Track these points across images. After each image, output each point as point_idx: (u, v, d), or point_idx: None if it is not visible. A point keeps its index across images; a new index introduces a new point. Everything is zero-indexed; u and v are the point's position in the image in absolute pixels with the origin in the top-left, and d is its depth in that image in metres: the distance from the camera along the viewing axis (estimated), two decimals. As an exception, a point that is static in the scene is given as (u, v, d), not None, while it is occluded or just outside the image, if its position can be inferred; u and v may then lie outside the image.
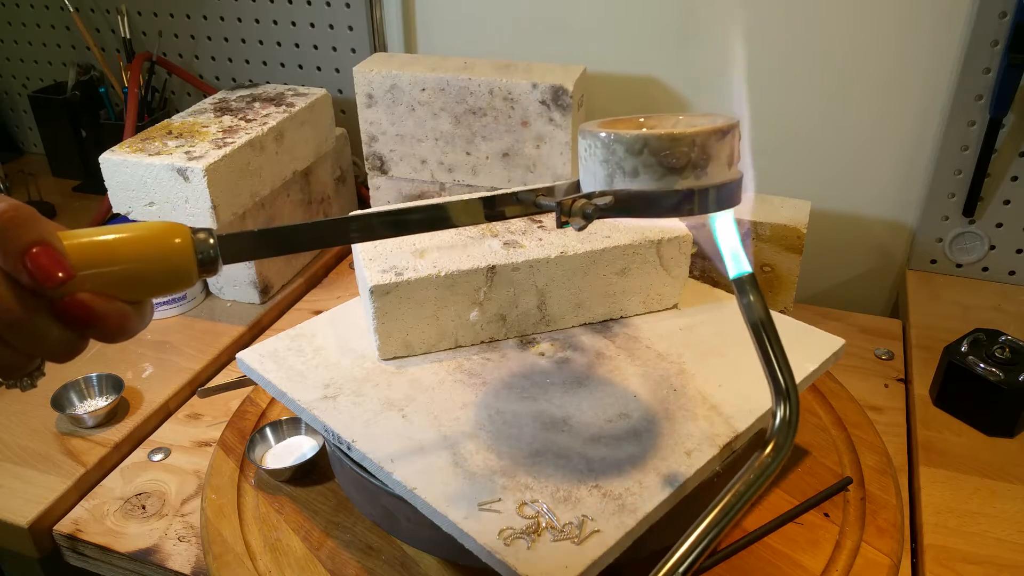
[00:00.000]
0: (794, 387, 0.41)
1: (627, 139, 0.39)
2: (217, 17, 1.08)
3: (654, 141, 0.39)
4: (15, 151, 1.34)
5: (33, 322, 0.31)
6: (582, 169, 0.43)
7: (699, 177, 0.39)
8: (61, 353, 0.32)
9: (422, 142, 0.89)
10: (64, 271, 0.30)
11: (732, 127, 0.40)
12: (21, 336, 0.31)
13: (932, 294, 0.86)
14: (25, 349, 0.31)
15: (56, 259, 0.30)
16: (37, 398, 0.71)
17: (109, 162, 0.77)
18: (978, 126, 0.81)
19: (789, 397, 0.41)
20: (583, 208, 0.39)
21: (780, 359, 0.41)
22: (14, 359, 0.31)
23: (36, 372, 0.33)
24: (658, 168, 0.39)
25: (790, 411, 0.40)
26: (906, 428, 0.69)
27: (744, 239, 0.45)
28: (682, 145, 0.39)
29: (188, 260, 0.33)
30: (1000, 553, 0.56)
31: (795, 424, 0.40)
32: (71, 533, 0.60)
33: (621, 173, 0.40)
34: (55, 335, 0.31)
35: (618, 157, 0.40)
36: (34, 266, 0.30)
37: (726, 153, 0.40)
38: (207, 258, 0.34)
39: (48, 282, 0.30)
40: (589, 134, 0.41)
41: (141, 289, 0.33)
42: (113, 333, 0.32)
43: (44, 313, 0.31)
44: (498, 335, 0.59)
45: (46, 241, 0.30)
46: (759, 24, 0.86)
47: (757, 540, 0.56)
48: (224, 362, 0.80)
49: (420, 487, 0.46)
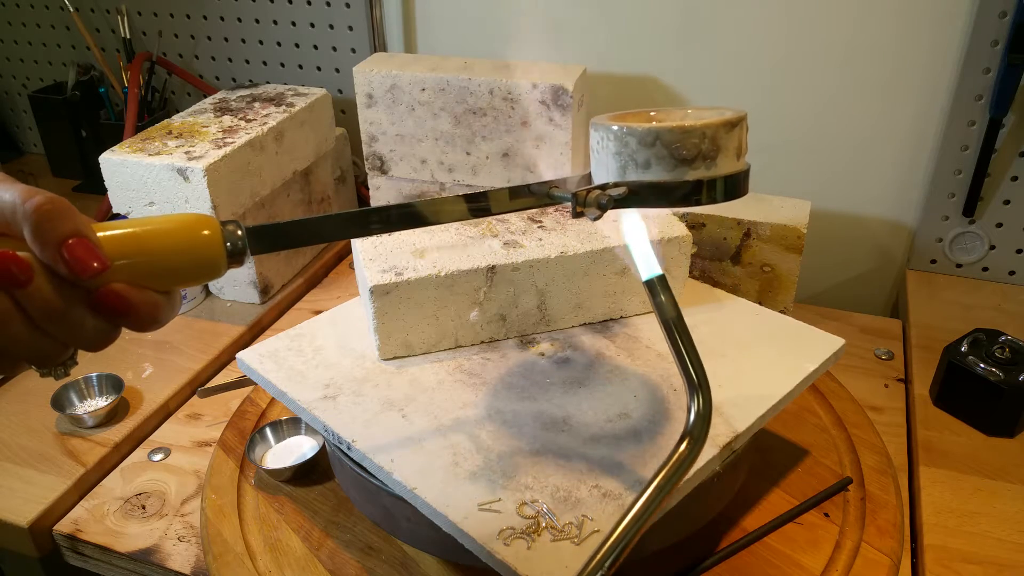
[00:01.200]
0: (706, 380, 0.42)
1: (640, 132, 0.40)
2: (217, 17, 1.08)
3: (666, 134, 0.40)
4: (15, 151, 1.34)
5: (70, 312, 0.31)
6: (594, 161, 0.44)
7: (709, 168, 0.40)
8: (96, 342, 0.33)
9: (422, 142, 0.89)
10: (100, 262, 0.31)
11: (740, 119, 0.41)
12: (59, 326, 0.31)
13: (932, 294, 0.86)
14: (62, 338, 0.32)
15: (92, 250, 0.31)
16: (37, 398, 0.72)
17: (109, 162, 0.77)
18: (978, 126, 0.81)
19: (702, 389, 0.41)
20: (597, 199, 0.41)
21: (692, 355, 0.42)
22: (51, 348, 0.32)
23: (69, 361, 0.34)
24: (670, 160, 0.40)
25: (703, 403, 0.41)
26: (906, 428, 0.69)
27: (655, 243, 0.46)
28: (693, 137, 0.40)
29: (218, 251, 0.34)
30: (1000, 553, 0.56)
31: (709, 416, 0.41)
32: (71, 533, 0.60)
33: (634, 165, 0.41)
34: (91, 324, 0.32)
35: (631, 149, 0.41)
36: (71, 257, 0.30)
37: (734, 145, 0.41)
38: (236, 249, 0.35)
39: (85, 273, 0.30)
40: (602, 127, 0.42)
41: (172, 279, 0.34)
42: (145, 322, 0.33)
43: (80, 303, 0.31)
44: (498, 335, 0.59)
45: (82, 232, 0.31)
46: (759, 24, 0.86)
47: (757, 540, 0.56)
48: (224, 362, 0.80)
49: (420, 487, 0.46)
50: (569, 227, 0.61)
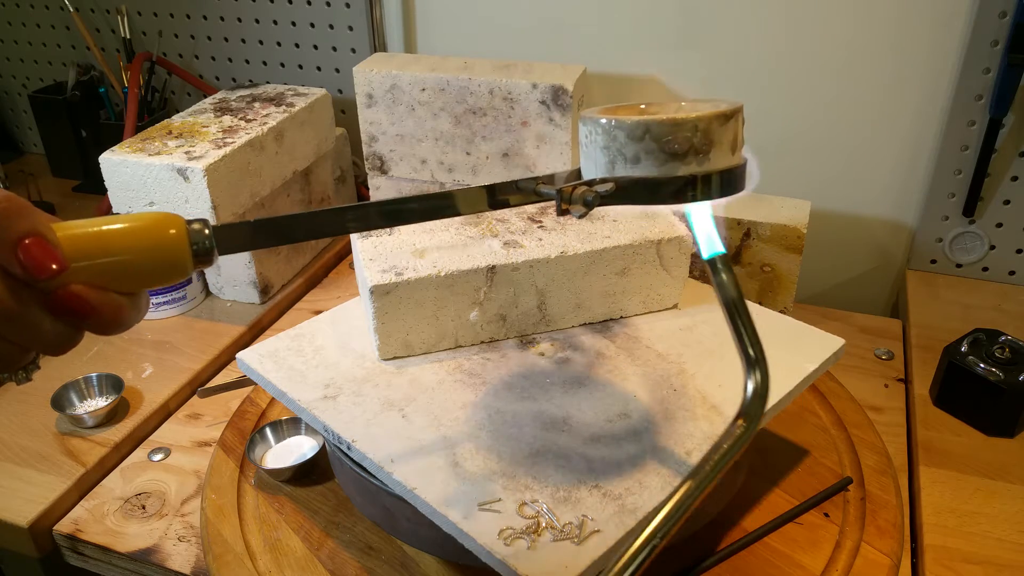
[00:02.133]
0: (764, 358, 0.40)
1: (628, 125, 0.38)
2: (217, 17, 1.08)
3: (656, 127, 0.38)
4: (15, 151, 1.34)
5: (26, 314, 0.30)
6: (583, 156, 0.42)
7: (702, 163, 0.39)
8: (55, 345, 0.32)
9: (422, 142, 0.89)
10: (57, 262, 0.30)
11: (736, 111, 0.39)
12: (14, 328, 0.30)
13: (932, 294, 0.86)
14: (19, 341, 0.31)
15: (49, 250, 0.30)
16: (37, 398, 0.72)
17: (109, 162, 0.77)
18: (978, 126, 0.81)
19: (759, 365, 0.40)
20: (583, 195, 0.39)
21: (751, 333, 0.40)
22: (8, 351, 0.31)
23: (31, 365, 0.33)
24: (660, 154, 0.38)
25: (761, 381, 0.40)
26: (906, 428, 0.69)
27: (717, 222, 0.44)
28: (684, 130, 0.38)
29: (183, 251, 0.33)
30: (1000, 553, 0.56)
31: (766, 395, 0.40)
32: (71, 533, 0.60)
33: (622, 160, 0.39)
34: (49, 327, 0.31)
35: (619, 143, 0.39)
36: (26, 257, 0.29)
37: (729, 138, 0.39)
38: (202, 249, 0.34)
39: (41, 274, 0.29)
40: (590, 120, 0.40)
41: (135, 280, 0.33)
42: (108, 325, 0.32)
43: (37, 305, 0.30)
44: (498, 335, 0.59)
45: (39, 232, 0.30)
46: (759, 24, 0.86)
47: (757, 540, 0.56)
48: (224, 362, 0.80)
49: (420, 487, 0.46)
50: (569, 227, 0.61)
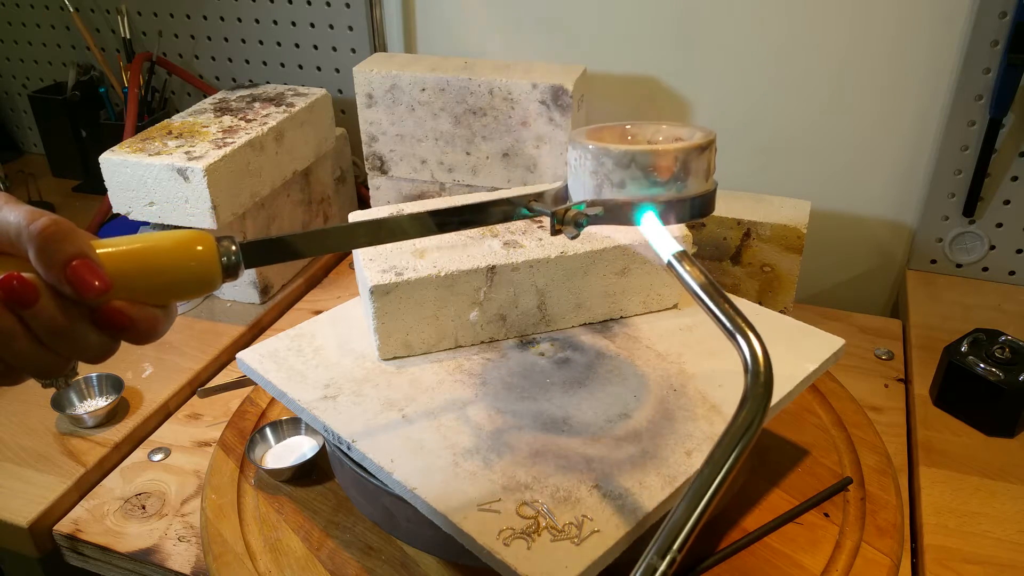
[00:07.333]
0: (749, 324, 0.38)
1: (616, 153, 0.43)
2: (217, 17, 1.08)
3: (640, 156, 0.42)
4: (15, 151, 1.34)
5: (74, 329, 0.32)
6: (571, 177, 0.46)
7: (680, 189, 0.43)
8: (97, 356, 0.34)
9: (422, 142, 0.89)
10: (103, 282, 0.32)
11: (710, 143, 0.44)
12: (63, 342, 0.32)
13: (932, 294, 0.86)
14: (66, 354, 0.33)
15: (96, 271, 0.32)
16: (37, 398, 0.72)
17: (109, 162, 0.77)
18: (978, 126, 0.81)
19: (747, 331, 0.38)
20: (575, 218, 0.43)
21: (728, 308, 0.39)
22: (54, 362, 0.33)
23: (71, 372, 0.35)
24: (644, 180, 0.43)
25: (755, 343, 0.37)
26: (906, 428, 0.69)
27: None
28: (666, 160, 0.42)
29: (213, 266, 0.35)
30: (1000, 553, 0.56)
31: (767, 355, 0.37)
32: (71, 533, 0.60)
33: (609, 184, 0.44)
34: (94, 340, 0.33)
35: (607, 169, 0.43)
36: (75, 278, 0.31)
37: (704, 167, 0.44)
38: (231, 264, 0.36)
39: (88, 293, 0.31)
40: (580, 146, 0.44)
41: (169, 294, 0.35)
42: (145, 335, 0.34)
43: (84, 320, 0.33)
44: (498, 335, 0.59)
45: (85, 254, 0.32)
46: (759, 24, 0.86)
47: (757, 540, 0.56)
48: (224, 362, 0.80)
49: (420, 487, 0.46)
50: (569, 227, 0.61)
